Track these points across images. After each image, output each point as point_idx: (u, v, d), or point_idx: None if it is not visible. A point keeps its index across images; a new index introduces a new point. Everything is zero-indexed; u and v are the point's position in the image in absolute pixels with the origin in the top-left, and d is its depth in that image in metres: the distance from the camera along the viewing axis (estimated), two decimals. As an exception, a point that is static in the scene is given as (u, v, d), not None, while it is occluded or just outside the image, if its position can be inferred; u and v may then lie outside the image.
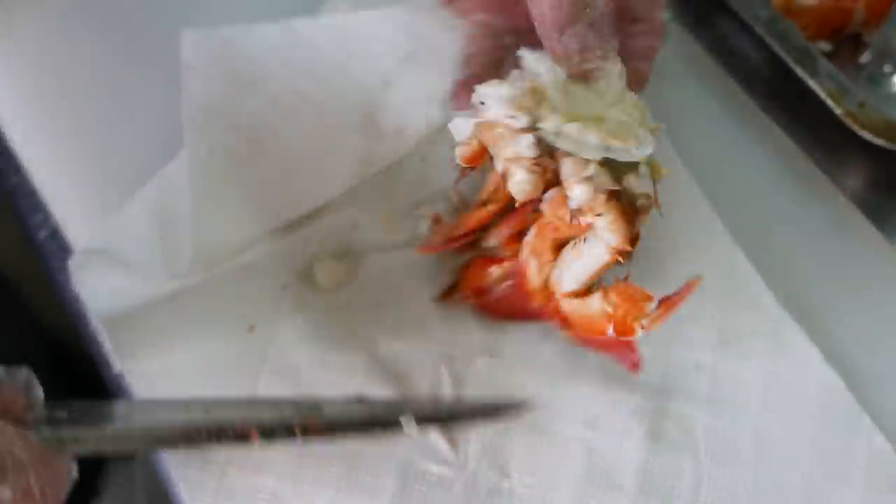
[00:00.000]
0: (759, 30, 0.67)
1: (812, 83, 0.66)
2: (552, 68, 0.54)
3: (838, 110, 0.65)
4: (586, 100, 0.54)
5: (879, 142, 0.64)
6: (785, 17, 0.68)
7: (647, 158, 0.55)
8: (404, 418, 0.53)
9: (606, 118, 0.54)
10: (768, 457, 0.59)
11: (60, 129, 0.69)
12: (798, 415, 0.60)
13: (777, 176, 0.68)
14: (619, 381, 0.60)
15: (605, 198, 0.53)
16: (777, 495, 0.58)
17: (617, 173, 0.54)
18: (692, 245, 0.64)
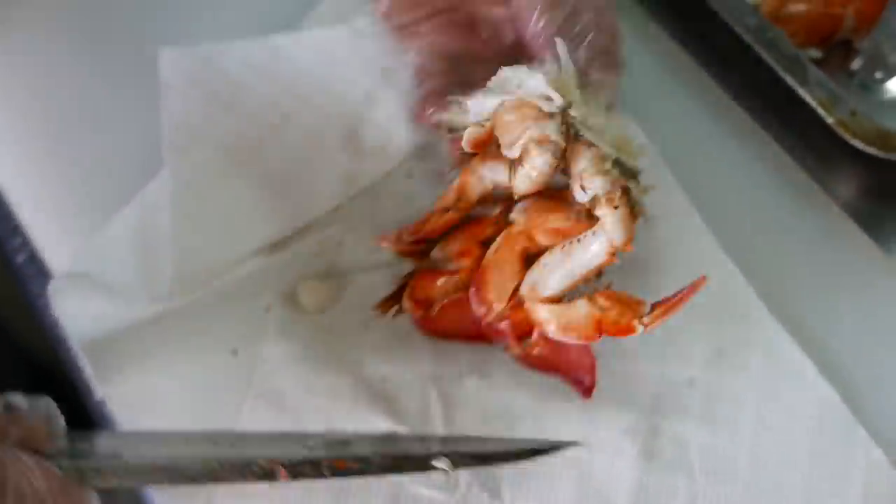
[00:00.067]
0: (747, 38, 0.67)
1: (802, 92, 0.65)
2: (569, 67, 0.54)
3: (830, 119, 0.64)
4: (593, 105, 0.55)
5: (871, 150, 0.64)
6: (774, 24, 0.67)
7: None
8: (438, 459, 0.52)
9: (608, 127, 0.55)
10: (764, 473, 0.58)
11: (38, 152, 0.69)
12: (794, 429, 0.59)
13: (768, 185, 0.68)
14: (610, 400, 0.60)
15: (620, 192, 0.54)
16: (775, 512, 0.58)
17: (625, 174, 0.55)
18: (682, 257, 0.63)
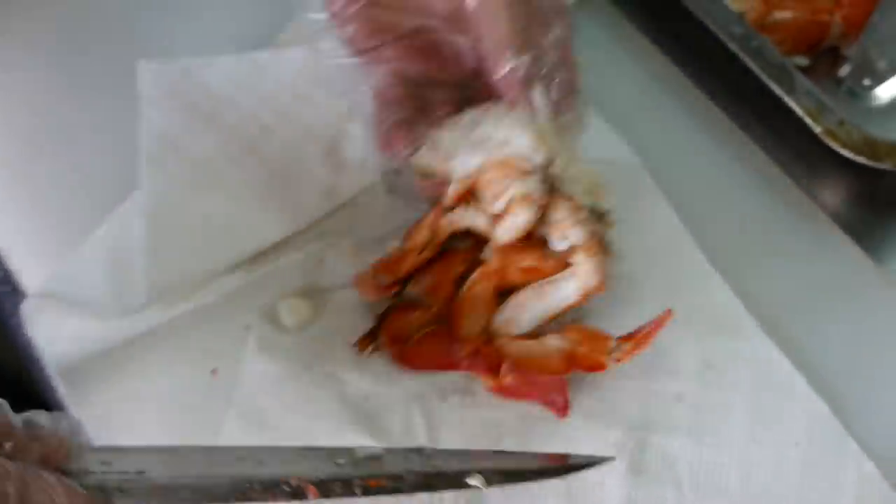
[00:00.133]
0: (733, 47, 0.66)
1: (790, 101, 0.65)
2: (544, 112, 0.56)
3: (817, 129, 0.64)
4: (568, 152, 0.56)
5: (860, 159, 0.63)
6: (760, 32, 0.67)
7: None
8: (472, 476, 0.51)
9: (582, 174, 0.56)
10: (754, 487, 0.58)
11: (12, 171, 0.68)
12: (784, 443, 0.59)
13: (755, 195, 0.67)
14: (597, 416, 0.59)
15: (597, 241, 0.56)
16: (765, 527, 0.57)
17: (597, 219, 0.56)
18: (669, 270, 0.63)
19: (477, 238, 0.59)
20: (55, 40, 0.72)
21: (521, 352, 0.57)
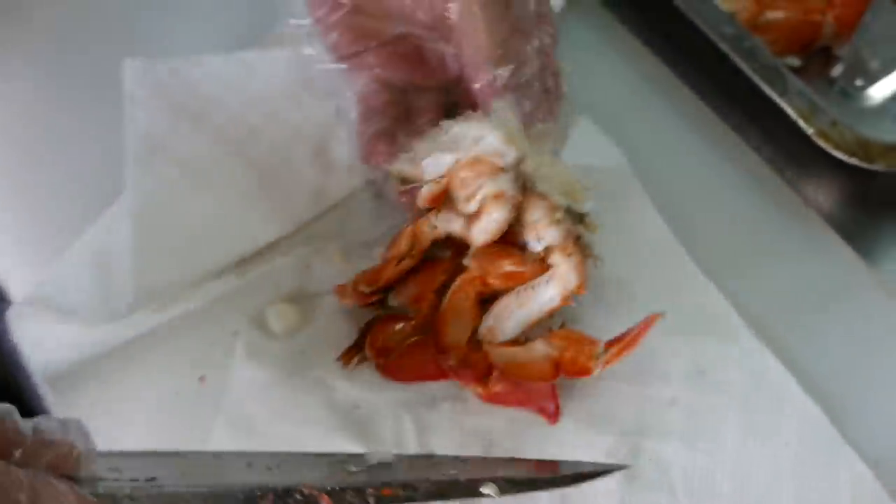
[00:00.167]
0: (724, 47, 0.66)
1: (782, 102, 0.64)
2: (514, 116, 0.55)
3: (810, 130, 0.64)
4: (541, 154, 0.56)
5: (853, 160, 0.63)
6: (751, 32, 0.67)
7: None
8: (485, 485, 0.51)
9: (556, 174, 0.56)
10: (749, 492, 0.57)
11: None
12: (777, 447, 0.58)
13: (747, 197, 0.67)
14: (590, 421, 0.58)
15: (573, 241, 0.55)
16: (760, 531, 0.57)
17: (575, 220, 0.56)
18: (659, 274, 0.63)
19: (458, 246, 0.59)
20: (42, 44, 0.72)
21: (508, 359, 0.57)
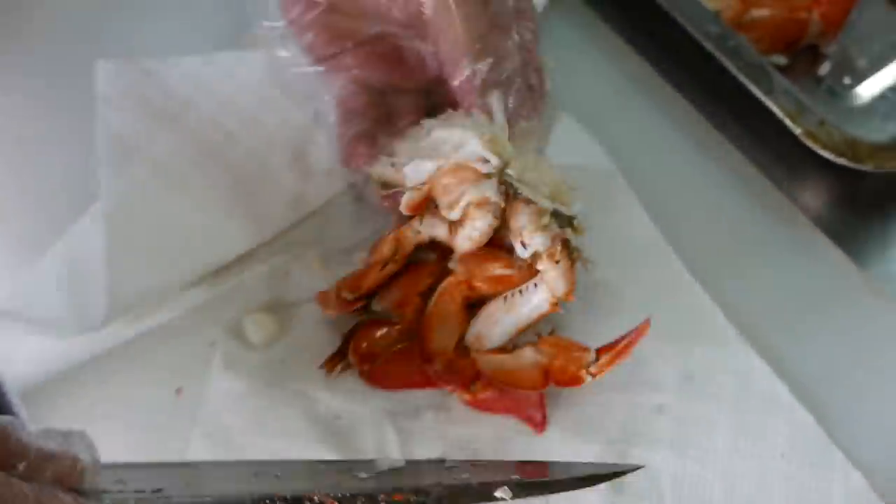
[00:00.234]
0: (709, 46, 0.66)
1: (768, 101, 0.64)
2: (501, 118, 0.55)
3: (797, 130, 0.63)
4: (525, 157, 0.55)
5: (841, 160, 0.63)
6: (736, 31, 0.66)
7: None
8: (500, 488, 0.51)
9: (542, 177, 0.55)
10: (739, 500, 0.57)
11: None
12: (768, 454, 0.58)
13: (734, 199, 0.67)
14: (576, 430, 0.58)
15: (560, 246, 0.54)
16: (751, 542, 0.56)
17: (562, 223, 0.55)
18: (648, 279, 0.62)
19: (443, 249, 0.58)
20: (9, 48, 0.71)
21: (496, 366, 0.56)
